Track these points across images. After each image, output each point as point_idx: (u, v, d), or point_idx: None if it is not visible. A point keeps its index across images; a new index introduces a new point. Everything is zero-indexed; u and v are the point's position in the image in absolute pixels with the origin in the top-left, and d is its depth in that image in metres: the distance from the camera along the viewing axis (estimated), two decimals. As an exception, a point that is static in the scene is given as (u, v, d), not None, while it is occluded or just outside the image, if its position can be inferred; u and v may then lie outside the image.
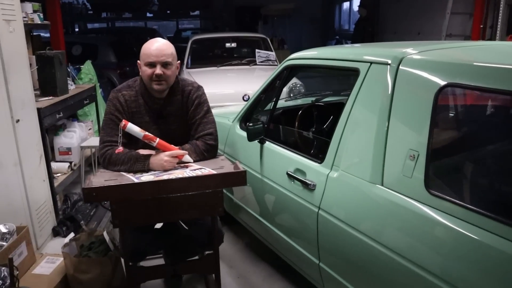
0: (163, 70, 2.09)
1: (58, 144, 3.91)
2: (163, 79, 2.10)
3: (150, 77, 2.10)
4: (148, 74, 2.10)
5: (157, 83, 2.11)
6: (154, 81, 2.10)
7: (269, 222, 2.43)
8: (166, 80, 2.12)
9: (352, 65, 1.97)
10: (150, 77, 2.10)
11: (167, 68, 2.11)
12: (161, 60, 2.08)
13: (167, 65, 2.10)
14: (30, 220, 2.91)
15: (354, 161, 1.82)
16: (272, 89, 2.58)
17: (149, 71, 2.09)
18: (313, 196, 2.00)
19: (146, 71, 2.10)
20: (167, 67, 2.11)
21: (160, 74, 2.08)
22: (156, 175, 1.96)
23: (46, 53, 3.52)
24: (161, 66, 2.08)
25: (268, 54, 6.08)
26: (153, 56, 2.08)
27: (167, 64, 2.10)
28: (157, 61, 2.08)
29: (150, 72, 2.09)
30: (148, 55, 2.09)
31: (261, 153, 2.43)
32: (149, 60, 2.08)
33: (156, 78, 2.09)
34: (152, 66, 2.09)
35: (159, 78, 2.09)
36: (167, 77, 2.11)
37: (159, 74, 2.08)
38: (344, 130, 1.90)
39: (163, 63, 2.09)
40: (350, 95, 1.91)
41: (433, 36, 7.20)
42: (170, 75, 2.13)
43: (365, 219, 1.73)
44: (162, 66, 2.09)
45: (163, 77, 2.10)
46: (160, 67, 2.08)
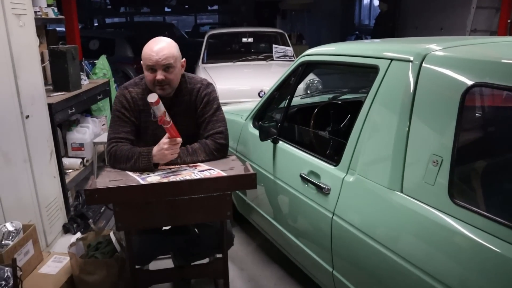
0: (164, 74, 1.99)
1: (70, 140, 3.88)
2: (165, 83, 2.01)
3: (152, 82, 2.01)
4: (150, 79, 2.01)
5: (160, 88, 2.02)
6: (156, 86, 2.01)
7: (282, 225, 2.34)
8: (169, 84, 2.03)
9: (371, 62, 1.85)
10: (152, 82, 2.01)
11: (169, 72, 2.00)
12: (162, 64, 1.97)
13: (169, 68, 2.00)
14: (39, 217, 2.87)
15: (372, 165, 1.71)
16: (287, 86, 2.47)
17: (150, 76, 2.00)
18: (328, 200, 1.89)
19: (148, 76, 2.01)
20: (169, 71, 2.00)
21: (162, 79, 1.98)
22: (163, 176, 1.87)
23: (58, 47, 3.48)
24: (163, 71, 1.98)
25: (285, 49, 5.96)
26: (153, 61, 1.97)
27: (169, 68, 2.00)
28: (157, 65, 1.97)
29: (151, 77, 2.00)
30: (148, 59, 1.98)
31: (274, 154, 2.33)
32: (149, 64, 1.98)
33: (158, 83, 2.00)
34: (153, 70, 1.99)
35: (161, 83, 2.00)
36: (169, 81, 2.02)
37: (160, 79, 1.98)
38: (362, 132, 1.78)
39: (164, 67, 1.98)
40: (369, 94, 1.79)
41: (456, 31, 6.96)
42: (173, 79, 2.03)
43: (382, 227, 1.62)
44: (163, 70, 1.99)
45: (165, 82, 2.00)
46: (162, 72, 1.98)
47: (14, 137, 2.59)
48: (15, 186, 2.59)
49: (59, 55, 3.46)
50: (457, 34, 6.82)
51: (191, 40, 11.89)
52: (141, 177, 1.87)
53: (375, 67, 1.80)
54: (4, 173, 2.47)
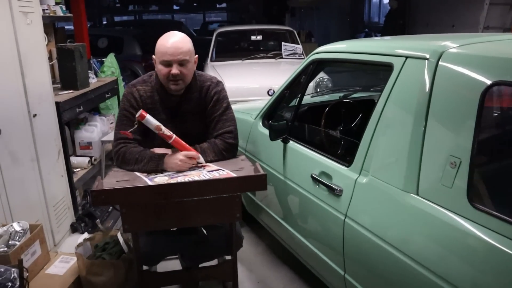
0: (180, 69, 1.95)
1: (78, 138, 3.85)
2: (179, 78, 1.97)
3: (166, 76, 1.97)
4: (164, 73, 1.97)
5: (174, 83, 1.98)
6: (170, 81, 1.97)
7: (291, 226, 2.29)
8: (183, 79, 1.99)
9: (384, 60, 1.79)
10: (166, 76, 1.97)
11: (184, 67, 1.97)
12: (178, 59, 1.94)
13: (184, 63, 1.96)
14: (47, 216, 2.85)
15: (386, 166, 1.65)
16: (297, 85, 2.42)
17: (165, 71, 1.96)
18: (340, 202, 1.84)
19: (162, 70, 1.97)
20: (184, 66, 1.97)
21: (177, 73, 1.95)
22: (171, 176, 1.84)
23: (66, 45, 3.46)
24: (178, 65, 1.95)
25: (294, 47, 5.90)
26: (168, 55, 1.93)
27: (184, 62, 1.96)
28: (173, 60, 1.94)
29: (166, 72, 1.96)
30: (164, 53, 1.94)
31: (284, 153, 2.28)
32: (165, 59, 1.94)
33: (173, 78, 1.96)
34: (168, 65, 1.95)
35: (176, 77, 1.96)
36: (184, 76, 1.98)
37: (175, 74, 1.94)
38: (375, 131, 1.72)
39: (179, 62, 1.95)
40: (382, 93, 1.74)
41: (469, 28, 6.86)
42: (187, 74, 2.00)
43: (396, 230, 1.57)
44: (178, 65, 1.95)
45: (180, 77, 1.97)
46: (177, 66, 1.94)
47: (22, 136, 2.56)
48: (22, 185, 2.57)
49: (67, 53, 3.44)
50: (469, 31, 6.71)
51: (200, 38, 11.85)
52: (149, 178, 1.83)
53: (389, 65, 1.75)
54: (12, 173, 2.44)
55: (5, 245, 2.14)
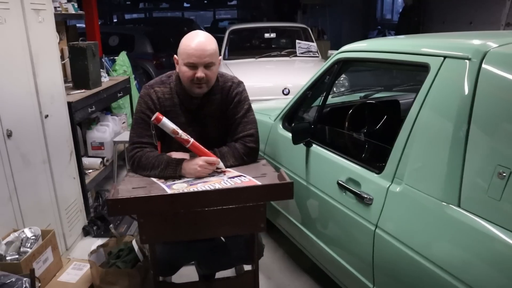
0: (205, 72, 1.85)
1: (90, 139, 3.78)
2: (204, 82, 1.87)
3: (190, 79, 1.86)
4: (188, 76, 1.86)
5: (198, 86, 1.87)
6: (195, 84, 1.87)
7: (314, 234, 2.18)
8: (207, 83, 1.89)
9: (419, 60, 1.66)
10: (190, 79, 1.86)
11: (210, 69, 1.87)
12: (204, 62, 1.83)
13: (210, 66, 1.86)
14: (59, 220, 2.78)
15: (423, 175, 1.53)
16: (320, 85, 2.31)
17: (189, 73, 1.85)
18: (370, 211, 1.72)
19: (186, 72, 1.86)
20: (209, 68, 1.86)
21: (203, 77, 1.84)
22: (190, 183, 1.73)
23: (78, 44, 3.38)
24: (203, 68, 1.84)
25: (309, 45, 5.77)
26: (195, 57, 1.82)
27: (210, 65, 1.86)
28: (199, 62, 1.83)
29: (190, 75, 1.85)
30: (189, 55, 1.83)
31: (307, 158, 2.17)
32: (190, 61, 1.83)
33: (197, 81, 1.85)
34: (193, 67, 1.84)
35: (201, 81, 1.85)
36: (208, 80, 1.88)
37: (201, 77, 1.84)
38: (410, 137, 1.60)
39: (205, 65, 1.84)
40: (417, 96, 1.61)
41: (488, 25, 6.66)
42: (212, 77, 1.90)
43: (434, 245, 1.45)
44: (204, 67, 1.84)
45: (205, 80, 1.86)
46: (202, 69, 1.84)
47: (33, 138, 2.48)
48: (34, 188, 2.49)
49: (79, 52, 3.36)
50: (488, 28, 6.52)
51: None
52: (167, 184, 1.73)
53: (425, 66, 1.62)
54: (23, 176, 2.36)
55: (16, 252, 2.06)
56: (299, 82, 4.87)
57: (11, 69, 2.26)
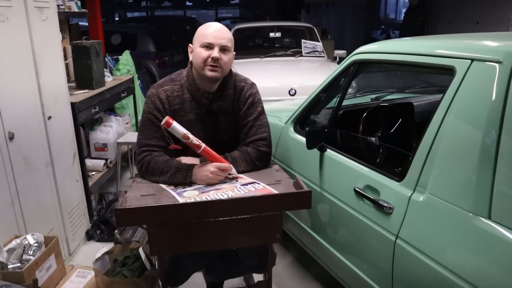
0: (220, 54, 1.78)
1: (93, 140, 3.70)
2: (218, 65, 1.79)
3: (204, 60, 1.79)
4: (203, 56, 1.79)
5: (212, 68, 1.79)
6: (208, 66, 1.79)
7: (327, 241, 2.10)
8: (222, 68, 1.81)
9: (444, 63, 1.58)
10: (204, 60, 1.79)
11: (225, 54, 1.80)
12: (220, 43, 1.78)
13: (226, 50, 1.80)
14: (62, 224, 2.70)
15: (449, 184, 1.45)
16: (335, 88, 2.22)
17: (204, 54, 1.78)
18: (390, 221, 1.64)
19: (201, 53, 1.79)
20: (225, 52, 1.80)
21: (218, 57, 1.77)
22: (202, 190, 1.65)
23: (82, 43, 3.29)
24: (219, 50, 1.78)
25: (315, 44, 5.68)
26: (212, 37, 1.77)
27: (225, 49, 1.80)
28: (215, 43, 1.77)
29: (205, 55, 1.78)
30: (206, 36, 1.78)
31: (321, 163, 2.09)
32: (207, 41, 1.78)
33: (212, 62, 1.78)
34: (209, 48, 1.78)
35: (215, 62, 1.78)
36: (224, 64, 1.80)
37: (216, 57, 1.77)
38: (434, 144, 1.52)
39: (221, 47, 1.79)
40: (442, 100, 1.53)
41: (495, 26, 6.57)
42: (227, 62, 1.82)
43: (462, 259, 1.37)
44: (220, 50, 1.78)
45: (219, 63, 1.79)
46: (218, 51, 1.78)
47: (36, 140, 2.40)
48: (36, 192, 2.41)
49: (82, 51, 3.27)
50: (496, 29, 6.44)
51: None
52: (177, 192, 1.65)
53: (450, 69, 1.54)
54: (25, 179, 2.28)
55: (18, 260, 1.98)
56: (305, 82, 4.80)
57: (14, 69, 2.18)
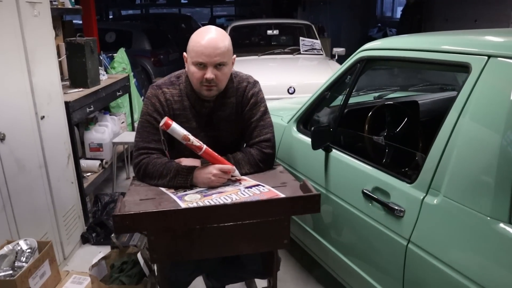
0: (215, 73, 1.66)
1: (88, 140, 3.60)
2: (214, 84, 1.69)
3: (199, 80, 1.69)
4: (197, 77, 1.68)
5: (207, 88, 1.70)
6: (204, 86, 1.70)
7: (333, 245, 2.03)
8: (218, 85, 1.71)
9: (458, 59, 1.50)
10: (199, 80, 1.69)
11: (221, 69, 1.68)
12: (214, 61, 1.65)
13: (221, 66, 1.68)
14: (56, 228, 2.61)
15: (465, 187, 1.38)
16: (340, 86, 2.15)
17: (198, 74, 1.67)
18: (401, 225, 1.57)
19: (194, 73, 1.68)
20: (221, 69, 1.68)
21: (212, 78, 1.66)
22: (204, 194, 1.57)
23: (76, 40, 3.20)
24: (213, 68, 1.66)
25: (313, 42, 5.60)
26: (204, 56, 1.64)
27: (221, 65, 1.68)
28: (208, 62, 1.65)
29: (199, 75, 1.67)
30: (198, 54, 1.65)
31: (326, 163, 2.01)
32: (199, 60, 1.65)
33: (207, 82, 1.68)
34: (203, 67, 1.67)
35: (210, 83, 1.68)
36: (219, 82, 1.70)
37: (210, 78, 1.66)
38: (448, 145, 1.44)
39: (216, 64, 1.67)
40: (457, 99, 1.46)
41: (494, 23, 6.52)
42: (223, 79, 1.71)
43: (480, 266, 1.29)
44: (214, 67, 1.67)
45: (215, 82, 1.68)
46: (212, 70, 1.66)
47: (29, 141, 2.31)
48: (29, 195, 2.32)
49: (76, 48, 3.18)
50: (494, 26, 6.38)
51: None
52: (178, 196, 1.57)
53: (465, 66, 1.47)
54: (18, 182, 2.19)
55: (10, 267, 1.89)
56: (304, 80, 4.73)
57: (4, 67, 2.09)
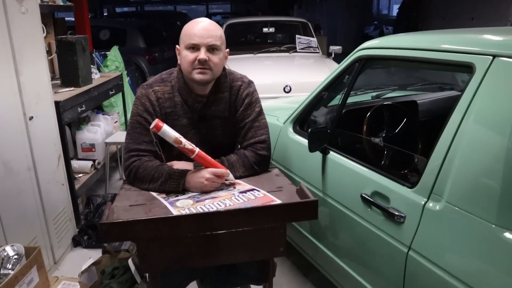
0: (208, 55, 1.62)
1: (80, 140, 3.53)
2: (208, 66, 1.63)
3: (191, 63, 1.63)
4: (189, 59, 1.63)
5: (200, 71, 1.63)
6: (196, 69, 1.63)
7: (331, 250, 1.97)
8: (212, 69, 1.65)
9: (462, 59, 1.45)
10: (191, 63, 1.63)
11: (214, 54, 1.64)
12: (207, 43, 1.61)
13: (214, 49, 1.63)
14: (46, 231, 2.53)
15: (470, 193, 1.32)
16: (337, 86, 2.09)
17: (190, 56, 1.63)
18: (401, 231, 1.51)
19: (187, 56, 1.63)
20: (214, 52, 1.64)
21: (205, 59, 1.61)
22: (196, 199, 1.51)
23: (67, 38, 3.12)
24: (207, 50, 1.62)
25: (309, 40, 5.55)
26: (197, 37, 1.61)
27: (214, 49, 1.63)
28: (201, 43, 1.61)
29: (192, 58, 1.62)
30: (191, 36, 1.62)
31: (323, 166, 1.95)
32: (192, 42, 1.61)
33: (200, 64, 1.62)
34: (195, 49, 1.62)
35: (203, 64, 1.62)
36: (213, 65, 1.64)
37: (203, 59, 1.61)
38: (450, 148, 1.38)
39: (209, 47, 1.62)
40: (460, 100, 1.40)
41: (491, 22, 6.49)
42: (217, 63, 1.66)
43: (485, 275, 1.24)
44: (207, 50, 1.62)
45: (208, 65, 1.63)
46: (205, 51, 1.61)
47: (17, 143, 2.24)
48: (17, 198, 2.24)
49: (67, 47, 3.10)
50: (492, 24, 6.35)
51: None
52: (169, 201, 1.50)
53: (468, 66, 1.41)
54: (5, 185, 2.12)
55: (-4, 275, 1.83)
56: (300, 79, 4.66)
57: (-10, 66, 2.02)
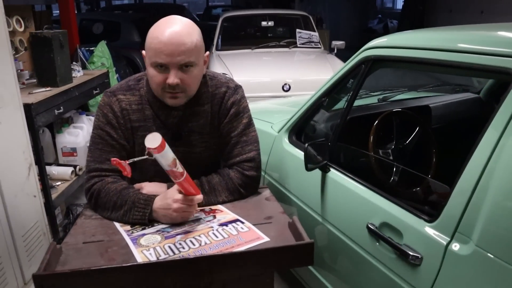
0: (181, 76, 1.31)
1: (61, 144, 3.24)
2: (180, 90, 1.33)
3: (160, 86, 1.33)
4: (157, 82, 1.33)
5: (172, 95, 1.34)
6: (167, 93, 1.34)
7: (331, 284, 1.69)
8: (185, 91, 1.36)
9: (496, 63, 1.15)
10: (160, 86, 1.33)
11: (188, 72, 1.33)
12: (178, 62, 1.29)
13: (188, 67, 1.32)
14: (13, 250, 2.26)
15: (508, 236, 1.03)
16: (340, 90, 1.80)
17: (159, 78, 1.32)
18: (417, 275, 1.23)
19: (154, 76, 1.32)
20: (187, 70, 1.32)
21: (176, 83, 1.31)
22: (165, 234, 1.23)
23: (42, 33, 2.82)
24: (179, 70, 1.31)
25: (310, 34, 5.25)
26: (164, 55, 1.28)
27: (187, 66, 1.32)
28: (171, 62, 1.29)
29: (160, 80, 1.32)
30: (157, 52, 1.28)
31: (323, 186, 1.66)
32: (159, 61, 1.29)
33: (170, 89, 1.32)
34: (164, 69, 1.31)
35: (174, 89, 1.32)
36: (186, 87, 1.34)
37: (173, 84, 1.30)
38: (483, 176, 1.10)
39: (181, 65, 1.31)
40: (497, 115, 1.11)
41: (502, 16, 6.18)
42: (191, 83, 1.36)
43: None
44: (179, 69, 1.31)
45: (180, 88, 1.33)
46: (177, 72, 1.30)
47: (-27, 154, 1.96)
48: (-24, 216, 1.97)
49: (43, 42, 2.81)
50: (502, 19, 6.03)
51: (203, 23, 11.17)
52: (133, 237, 1.23)
53: (505, 72, 1.12)
54: (-41, 202, 1.85)
55: None
56: (300, 77, 4.37)
57: None
